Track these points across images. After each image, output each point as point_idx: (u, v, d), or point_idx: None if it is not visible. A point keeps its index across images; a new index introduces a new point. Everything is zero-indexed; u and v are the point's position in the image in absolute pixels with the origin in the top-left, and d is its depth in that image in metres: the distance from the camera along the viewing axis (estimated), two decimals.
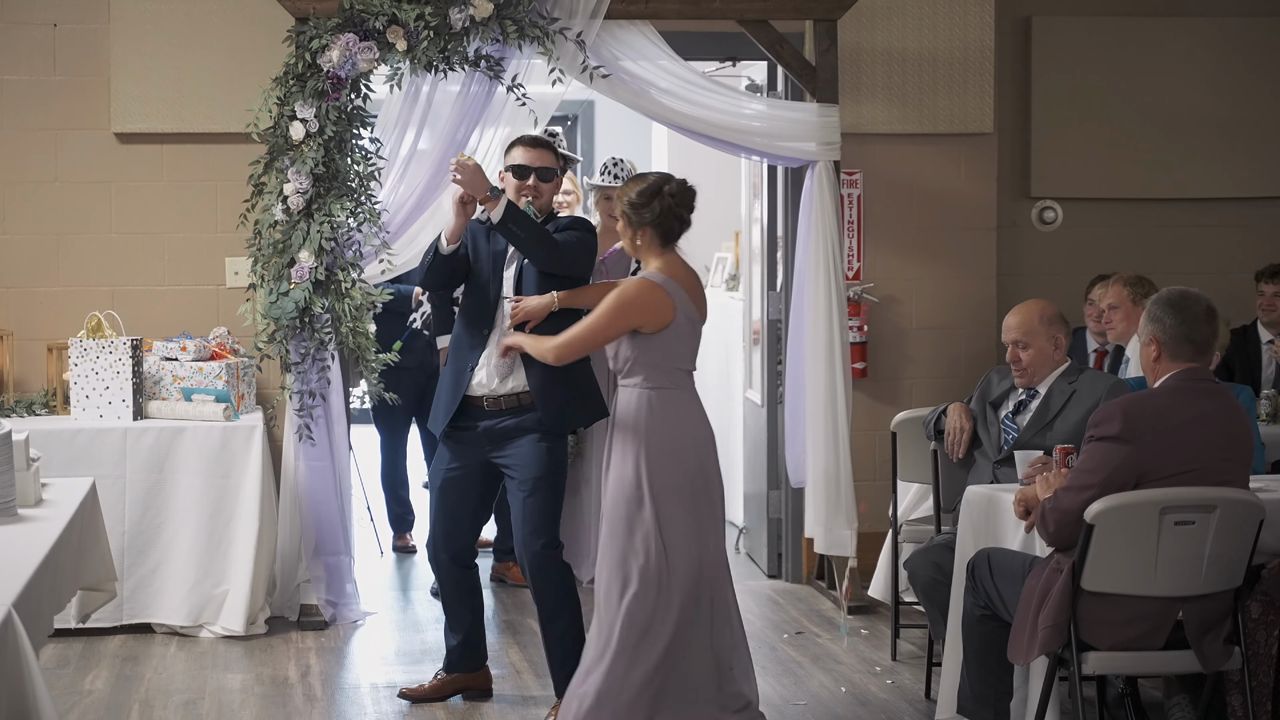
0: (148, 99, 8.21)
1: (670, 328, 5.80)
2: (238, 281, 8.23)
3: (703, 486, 5.88)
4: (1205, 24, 9.17)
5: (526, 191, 6.41)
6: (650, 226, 5.87)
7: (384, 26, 7.62)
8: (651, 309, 5.79)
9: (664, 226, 5.88)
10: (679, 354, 5.88)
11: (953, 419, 6.73)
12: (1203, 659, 5.40)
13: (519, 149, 6.48)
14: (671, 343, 5.83)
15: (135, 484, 7.61)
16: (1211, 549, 5.30)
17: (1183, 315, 5.42)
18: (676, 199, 5.89)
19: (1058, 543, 5.38)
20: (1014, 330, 6.52)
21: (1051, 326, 6.48)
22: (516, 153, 6.48)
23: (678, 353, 5.87)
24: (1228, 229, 9.29)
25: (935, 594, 6.47)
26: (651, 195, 5.86)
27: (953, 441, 6.70)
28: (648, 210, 5.85)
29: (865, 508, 7.94)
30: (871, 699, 6.69)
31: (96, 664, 7.20)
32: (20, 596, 4.31)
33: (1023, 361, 6.49)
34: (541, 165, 6.44)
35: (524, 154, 6.45)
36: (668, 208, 5.86)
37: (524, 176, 6.41)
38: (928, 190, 8.75)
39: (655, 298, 5.79)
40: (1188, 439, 5.31)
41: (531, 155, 6.44)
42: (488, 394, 6.35)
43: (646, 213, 5.85)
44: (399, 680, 6.98)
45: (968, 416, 6.70)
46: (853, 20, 8.39)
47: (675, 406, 5.86)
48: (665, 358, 5.84)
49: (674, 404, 5.86)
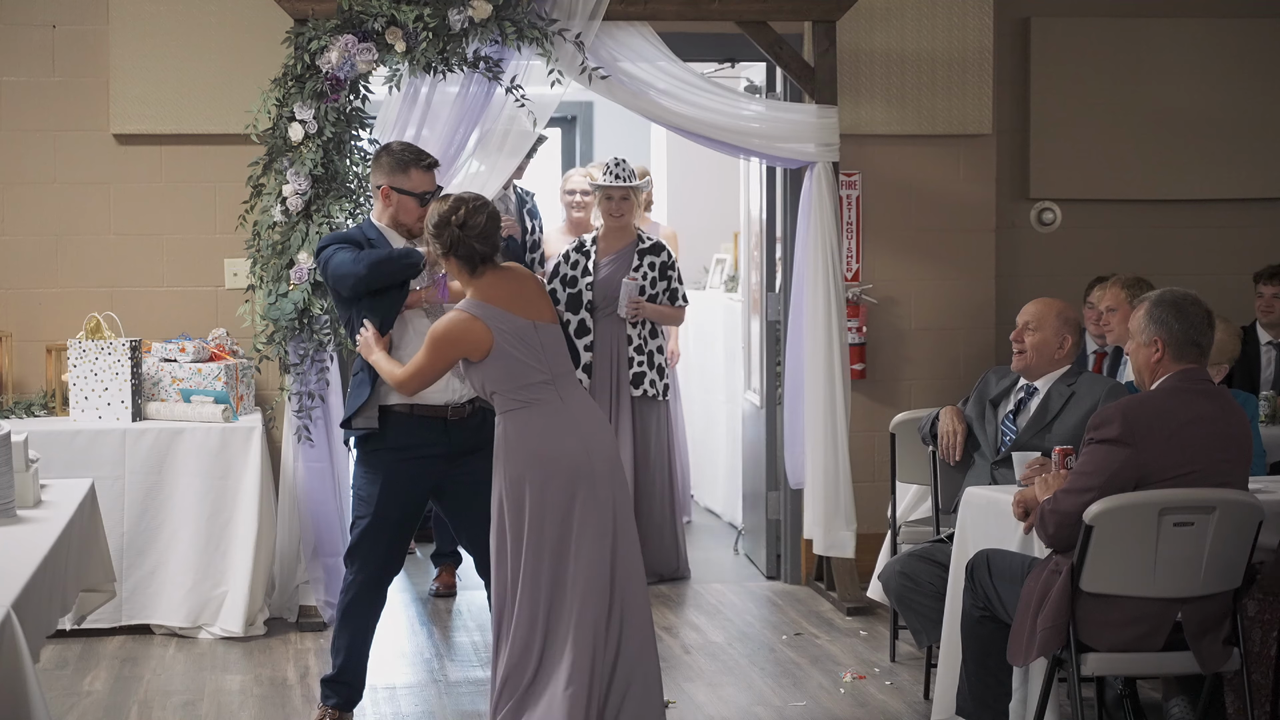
0: (147, 100, 8.20)
1: (494, 352, 5.63)
2: (237, 283, 8.23)
3: (587, 495, 5.64)
4: (1204, 25, 9.17)
5: (424, 216, 6.04)
6: (452, 255, 5.69)
7: (383, 28, 7.62)
8: (467, 341, 5.64)
9: (464, 254, 5.68)
10: (521, 371, 5.66)
11: (945, 423, 6.72)
12: (1201, 660, 5.40)
13: (417, 172, 6.22)
14: (505, 364, 5.65)
15: (134, 485, 7.61)
16: (1210, 550, 5.30)
17: (1188, 318, 5.43)
18: (465, 230, 5.67)
19: (1057, 545, 5.39)
20: (1027, 314, 6.55)
21: (1065, 325, 6.50)
22: (417, 177, 6.22)
23: (519, 370, 5.66)
24: (1227, 230, 9.29)
25: (908, 602, 6.50)
26: (441, 225, 5.69)
27: (947, 446, 6.69)
28: (441, 240, 5.69)
29: None
30: (870, 700, 6.68)
31: (95, 665, 7.20)
32: (19, 598, 4.31)
33: (1025, 344, 6.51)
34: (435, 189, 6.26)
35: (425, 179, 6.23)
36: (457, 239, 5.67)
37: (428, 203, 6.09)
38: (926, 191, 8.75)
39: (466, 328, 5.63)
40: (1186, 441, 5.31)
41: (431, 180, 6.26)
42: (452, 402, 6.19)
43: (442, 242, 5.69)
44: (397, 681, 6.98)
45: (960, 419, 6.70)
46: (851, 21, 8.39)
47: (530, 425, 5.66)
48: (508, 377, 5.66)
49: (528, 423, 5.66)
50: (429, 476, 6.19)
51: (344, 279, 6.08)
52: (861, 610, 8.02)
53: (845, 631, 7.74)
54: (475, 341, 5.64)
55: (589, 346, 8.58)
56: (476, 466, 6.17)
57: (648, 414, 8.67)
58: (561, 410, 5.70)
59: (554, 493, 5.64)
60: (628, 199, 8.66)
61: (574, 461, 5.65)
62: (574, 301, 8.56)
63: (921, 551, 6.59)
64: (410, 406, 6.11)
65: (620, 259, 8.61)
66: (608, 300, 8.57)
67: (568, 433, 5.68)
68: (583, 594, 5.63)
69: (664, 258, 8.69)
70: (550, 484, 5.64)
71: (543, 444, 5.66)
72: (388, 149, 6.34)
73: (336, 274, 6.10)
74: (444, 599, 8.43)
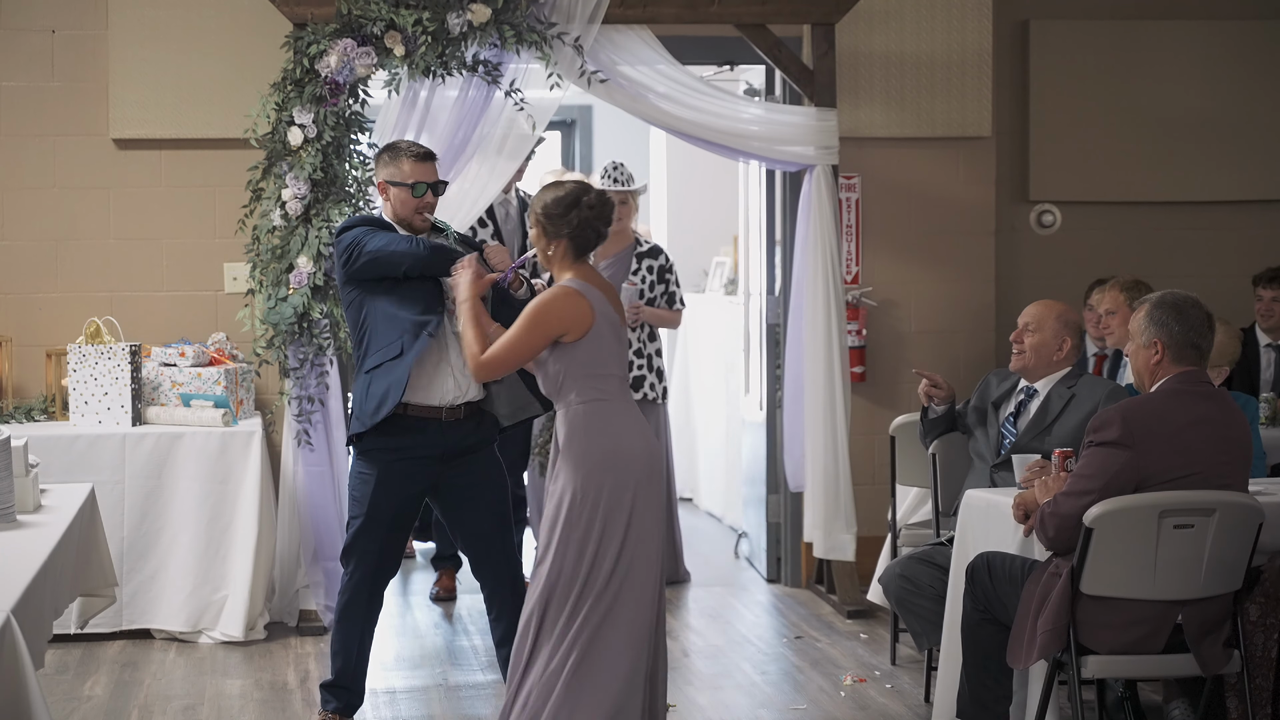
0: (146, 105, 8.20)
1: (593, 332, 5.56)
2: (236, 287, 8.22)
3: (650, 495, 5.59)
4: (1203, 27, 9.17)
5: (423, 209, 6.17)
6: (566, 238, 5.60)
7: (382, 32, 7.63)
8: (571, 315, 5.55)
9: (580, 239, 5.63)
10: (606, 358, 5.61)
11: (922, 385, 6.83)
12: (1202, 662, 5.40)
13: (409, 163, 6.18)
14: (597, 347, 5.58)
15: (134, 490, 7.60)
16: (1210, 552, 5.30)
17: (1189, 321, 5.43)
18: (594, 211, 5.64)
19: (1057, 547, 5.39)
20: (1027, 315, 6.56)
21: (1065, 327, 6.51)
22: (408, 168, 6.17)
23: (605, 357, 5.61)
24: (1226, 232, 9.29)
25: (908, 605, 6.50)
26: (569, 206, 5.58)
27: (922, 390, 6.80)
28: (564, 221, 5.60)
29: None
30: (871, 703, 6.68)
31: (96, 670, 7.20)
32: (19, 603, 4.31)
33: (1024, 344, 6.52)
34: (435, 180, 6.21)
35: (417, 169, 6.17)
36: (585, 220, 5.62)
37: (422, 194, 6.17)
38: (926, 194, 8.75)
39: (574, 303, 5.56)
40: (1186, 443, 5.31)
41: (424, 170, 6.18)
42: (447, 403, 6.15)
43: (563, 224, 5.61)
44: (397, 685, 6.98)
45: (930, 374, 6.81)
46: (850, 24, 8.39)
47: (611, 419, 5.60)
48: (594, 363, 5.58)
49: (608, 416, 5.60)
50: (424, 476, 6.18)
51: (396, 258, 6.03)
52: (862, 613, 8.02)
53: (845, 634, 7.73)
54: (579, 317, 5.55)
55: None
56: (473, 468, 6.19)
57: (646, 417, 8.63)
58: (630, 408, 5.67)
59: (624, 491, 5.55)
60: (626, 203, 8.65)
61: (643, 461, 5.60)
62: None
63: (921, 554, 6.59)
64: (405, 406, 6.09)
65: (618, 263, 8.61)
66: None
67: (637, 432, 5.63)
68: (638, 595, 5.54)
69: (661, 261, 8.70)
70: (623, 482, 5.55)
71: (618, 441, 5.58)
72: (385, 145, 6.36)
73: (383, 253, 6.04)
74: (444, 603, 8.43)
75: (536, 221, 5.64)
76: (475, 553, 6.30)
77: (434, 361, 6.12)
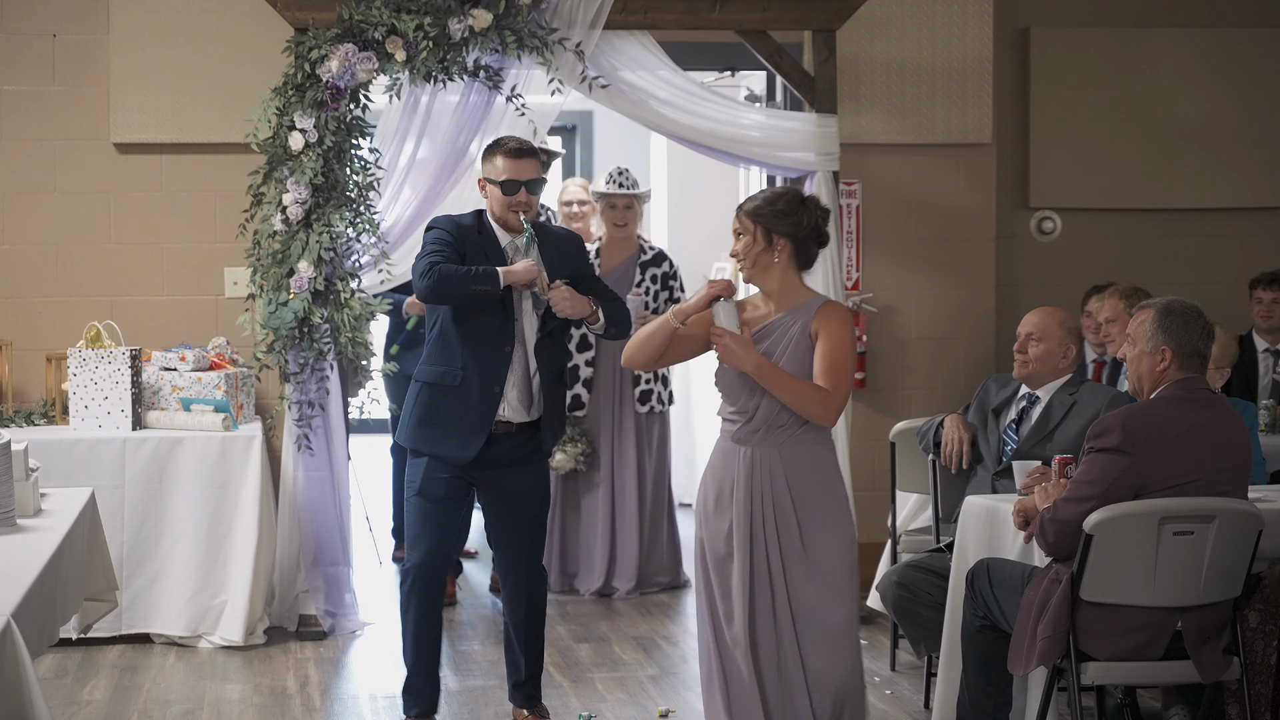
0: (147, 109, 8.20)
1: None
2: (237, 291, 8.22)
3: None
4: (1204, 34, 9.17)
5: (516, 207, 6.10)
6: (791, 241, 5.23)
7: (383, 37, 7.63)
8: None
9: (807, 245, 5.27)
10: None
11: (949, 431, 6.70)
12: (1201, 669, 5.39)
13: (502, 159, 6.11)
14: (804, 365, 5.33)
15: (134, 494, 7.59)
16: (1210, 559, 5.30)
17: (1195, 330, 5.44)
18: (823, 215, 5.29)
19: (1056, 553, 5.39)
20: (1030, 325, 6.54)
21: (1068, 336, 6.51)
22: (501, 164, 6.12)
23: None
24: (1226, 239, 9.28)
25: (906, 612, 6.50)
26: (797, 204, 5.21)
27: (951, 453, 6.67)
28: (792, 222, 5.21)
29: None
30: (870, 709, 6.65)
31: (95, 674, 7.19)
32: (19, 607, 4.30)
33: (1029, 354, 6.50)
34: (531, 178, 6.11)
35: (510, 166, 6.09)
36: (815, 222, 5.25)
37: (514, 192, 6.08)
38: (926, 200, 8.75)
39: None
40: (1187, 450, 5.31)
41: (518, 168, 6.09)
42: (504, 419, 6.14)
43: (791, 224, 5.21)
44: (397, 690, 6.95)
45: (965, 428, 6.68)
46: (851, 31, 8.40)
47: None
48: None
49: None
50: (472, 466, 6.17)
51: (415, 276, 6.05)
52: (861, 619, 7.98)
53: None
54: None
55: (591, 361, 8.56)
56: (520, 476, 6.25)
57: (651, 427, 8.67)
58: None
59: None
60: (631, 207, 8.64)
61: None
62: None
63: (918, 562, 6.58)
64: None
65: (623, 272, 8.60)
66: None
67: None
68: None
69: (665, 268, 8.68)
70: None
71: None
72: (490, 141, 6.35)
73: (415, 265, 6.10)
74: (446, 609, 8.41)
75: (750, 221, 5.26)
76: (507, 559, 6.38)
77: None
